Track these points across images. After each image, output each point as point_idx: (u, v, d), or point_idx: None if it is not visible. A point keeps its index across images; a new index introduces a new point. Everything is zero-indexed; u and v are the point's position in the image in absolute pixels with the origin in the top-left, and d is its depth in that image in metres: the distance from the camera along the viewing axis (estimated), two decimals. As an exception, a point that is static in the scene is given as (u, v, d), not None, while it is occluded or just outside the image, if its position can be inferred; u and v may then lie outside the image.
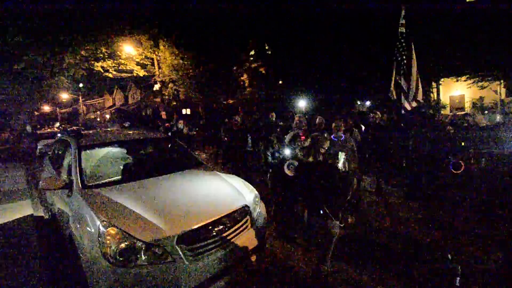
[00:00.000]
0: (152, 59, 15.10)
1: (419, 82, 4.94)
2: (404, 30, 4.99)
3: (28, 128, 10.28)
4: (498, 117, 5.16)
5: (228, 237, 2.35)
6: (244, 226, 2.55)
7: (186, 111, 28.09)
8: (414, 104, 4.94)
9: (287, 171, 3.04)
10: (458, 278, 1.79)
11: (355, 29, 11.05)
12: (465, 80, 8.80)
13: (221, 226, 2.34)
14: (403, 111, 4.98)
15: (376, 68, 9.54)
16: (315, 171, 2.45)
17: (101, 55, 11.17)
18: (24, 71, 8.09)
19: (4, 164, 9.93)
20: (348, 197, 2.55)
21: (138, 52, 13.44)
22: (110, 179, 2.89)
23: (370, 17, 10.20)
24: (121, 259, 1.92)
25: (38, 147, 12.19)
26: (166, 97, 19.51)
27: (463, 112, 5.87)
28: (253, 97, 15.58)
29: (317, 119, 4.86)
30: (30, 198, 5.55)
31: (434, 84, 11.44)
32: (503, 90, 10.00)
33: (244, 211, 2.62)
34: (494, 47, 6.45)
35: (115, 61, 12.25)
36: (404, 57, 5.00)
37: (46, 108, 30.17)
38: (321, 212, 2.30)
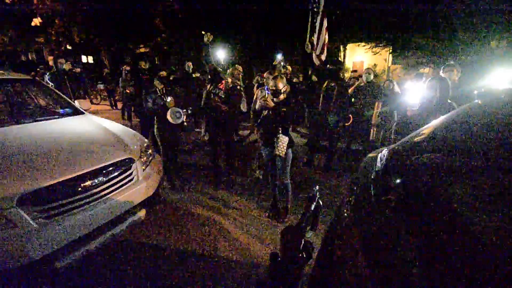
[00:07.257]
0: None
1: (326, 42, 5.20)
2: None
3: None
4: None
5: (101, 194, 2.06)
6: (126, 180, 2.29)
7: (87, 59, 23.23)
8: (322, 57, 5.23)
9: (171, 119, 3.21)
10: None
11: None
12: (363, 46, 9.89)
13: (90, 182, 2.01)
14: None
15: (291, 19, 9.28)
16: None
17: None
18: None
19: None
20: None
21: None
22: None
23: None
24: None
25: None
26: (54, 37, 15.26)
27: (357, 74, 6.75)
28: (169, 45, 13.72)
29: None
30: None
31: (342, 48, 12.54)
32: (390, 58, 11.89)
33: (126, 163, 2.31)
34: (384, 18, 7.29)
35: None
36: (319, 12, 5.11)
37: None
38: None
